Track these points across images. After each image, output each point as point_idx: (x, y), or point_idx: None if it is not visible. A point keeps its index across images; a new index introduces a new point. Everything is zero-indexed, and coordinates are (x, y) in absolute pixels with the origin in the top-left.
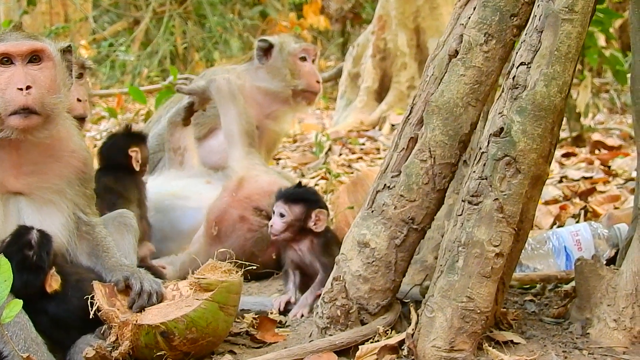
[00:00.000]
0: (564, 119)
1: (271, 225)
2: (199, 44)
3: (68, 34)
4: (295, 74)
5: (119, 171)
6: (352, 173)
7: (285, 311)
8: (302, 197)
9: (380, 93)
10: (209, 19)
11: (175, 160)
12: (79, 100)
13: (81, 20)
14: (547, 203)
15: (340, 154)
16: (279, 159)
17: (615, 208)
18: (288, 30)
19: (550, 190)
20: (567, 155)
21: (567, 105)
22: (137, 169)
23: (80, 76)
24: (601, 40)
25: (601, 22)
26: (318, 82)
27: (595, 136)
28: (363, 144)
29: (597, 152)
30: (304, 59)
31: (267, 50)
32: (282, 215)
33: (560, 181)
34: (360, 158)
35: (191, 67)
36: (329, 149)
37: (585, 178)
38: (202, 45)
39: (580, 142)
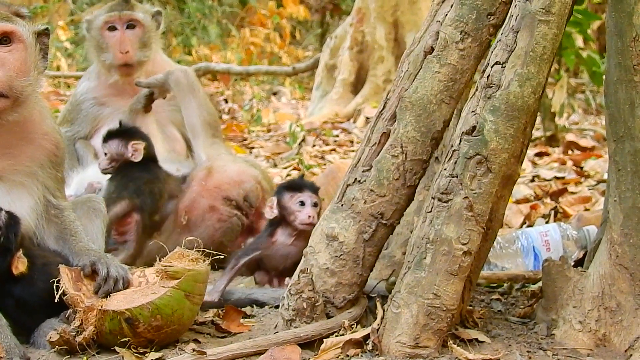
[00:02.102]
0: (539, 118)
1: (312, 217)
2: (177, 29)
3: (46, 14)
4: (104, 48)
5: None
6: (324, 164)
7: None
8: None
9: (356, 85)
10: (188, 5)
11: None
12: None
13: (60, 0)
14: (518, 202)
15: (314, 145)
16: (252, 147)
17: (586, 209)
18: (266, 19)
19: (521, 189)
20: (540, 155)
21: (542, 104)
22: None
23: None
24: (579, 41)
25: (579, 23)
26: (122, 52)
27: (569, 136)
28: (337, 136)
29: (570, 152)
30: (113, 28)
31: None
32: (316, 205)
33: (532, 180)
34: (334, 150)
35: (168, 52)
36: (303, 140)
37: (557, 178)
38: (180, 30)
39: (554, 142)
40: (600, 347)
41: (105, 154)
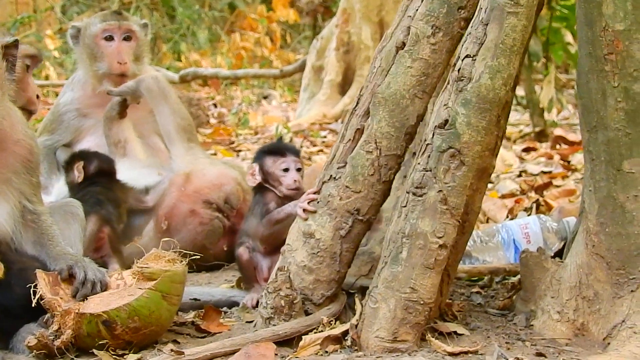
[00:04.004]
0: (527, 114)
1: (297, 181)
2: (166, 35)
3: (34, 24)
4: (98, 57)
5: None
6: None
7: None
8: None
9: (344, 86)
10: (177, 11)
11: (117, 154)
12: (37, 97)
13: (47, 10)
14: (503, 197)
15: (301, 147)
16: (239, 150)
17: (570, 202)
18: (257, 23)
19: (507, 184)
20: (527, 150)
21: (531, 100)
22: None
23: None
24: (567, 37)
25: (567, 18)
26: (120, 62)
27: (557, 131)
28: (325, 137)
29: (558, 147)
30: (110, 38)
31: (78, 37)
32: (299, 170)
33: (519, 175)
34: (321, 151)
35: (158, 59)
36: (290, 141)
37: (544, 172)
38: (170, 37)
39: (543, 138)
40: (579, 336)
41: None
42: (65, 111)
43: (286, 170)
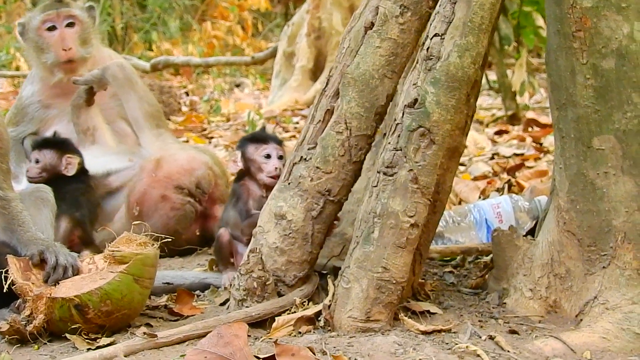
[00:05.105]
0: (499, 98)
1: (278, 169)
2: (137, 24)
3: (3, 15)
4: (44, 48)
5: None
6: None
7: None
8: None
9: (315, 72)
10: (147, 0)
11: (86, 141)
12: None
13: (17, 0)
14: (476, 179)
15: (273, 132)
16: (212, 137)
17: (542, 182)
18: (228, 12)
19: (480, 167)
20: (499, 133)
21: (503, 84)
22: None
23: None
24: (539, 20)
25: (537, 2)
26: (65, 49)
27: (529, 114)
28: (297, 123)
29: (530, 129)
30: (52, 28)
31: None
32: (281, 158)
33: (492, 158)
34: (294, 137)
35: (129, 48)
36: (263, 128)
37: (516, 155)
38: (141, 26)
39: (515, 121)
40: (551, 313)
41: (37, 161)
42: (28, 104)
43: (268, 157)
